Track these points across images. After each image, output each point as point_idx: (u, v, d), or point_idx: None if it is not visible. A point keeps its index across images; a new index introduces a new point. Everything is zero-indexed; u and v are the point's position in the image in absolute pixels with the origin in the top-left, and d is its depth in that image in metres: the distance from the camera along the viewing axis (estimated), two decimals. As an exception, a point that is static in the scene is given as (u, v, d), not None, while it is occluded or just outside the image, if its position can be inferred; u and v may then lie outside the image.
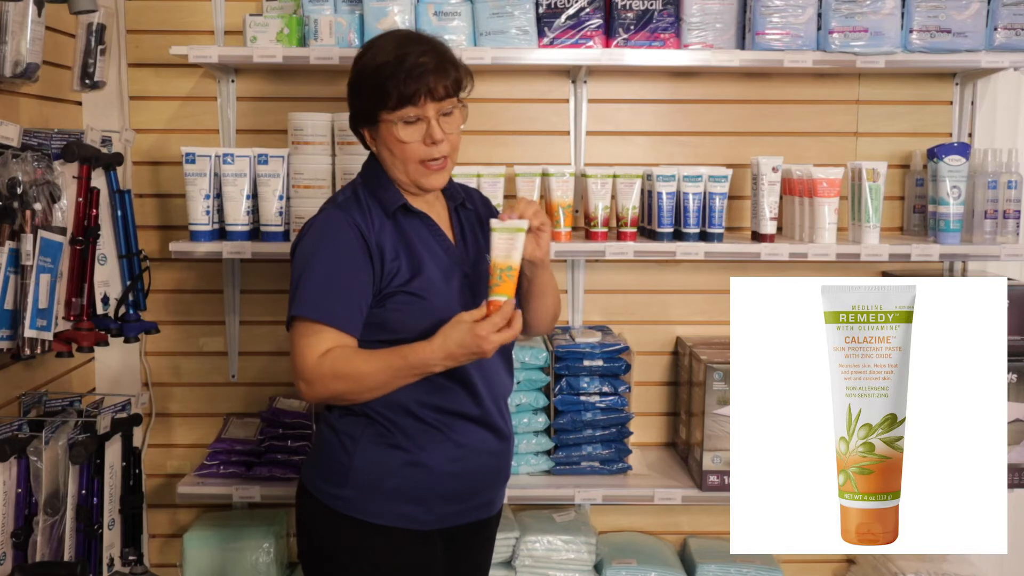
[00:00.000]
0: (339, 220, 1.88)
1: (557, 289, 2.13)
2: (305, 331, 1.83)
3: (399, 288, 1.87)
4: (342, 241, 1.86)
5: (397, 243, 1.89)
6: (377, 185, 1.94)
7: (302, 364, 1.82)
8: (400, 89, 1.83)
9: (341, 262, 1.85)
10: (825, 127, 2.92)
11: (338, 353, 1.82)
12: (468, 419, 1.93)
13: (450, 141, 1.91)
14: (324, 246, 1.86)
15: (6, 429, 2.22)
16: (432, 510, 1.92)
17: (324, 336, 1.82)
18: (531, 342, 2.72)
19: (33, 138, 2.27)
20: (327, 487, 1.91)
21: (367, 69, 1.88)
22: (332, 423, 1.94)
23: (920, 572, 2.72)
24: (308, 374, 1.81)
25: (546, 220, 1.92)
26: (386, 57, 1.85)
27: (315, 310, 1.83)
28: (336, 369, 1.81)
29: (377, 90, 1.85)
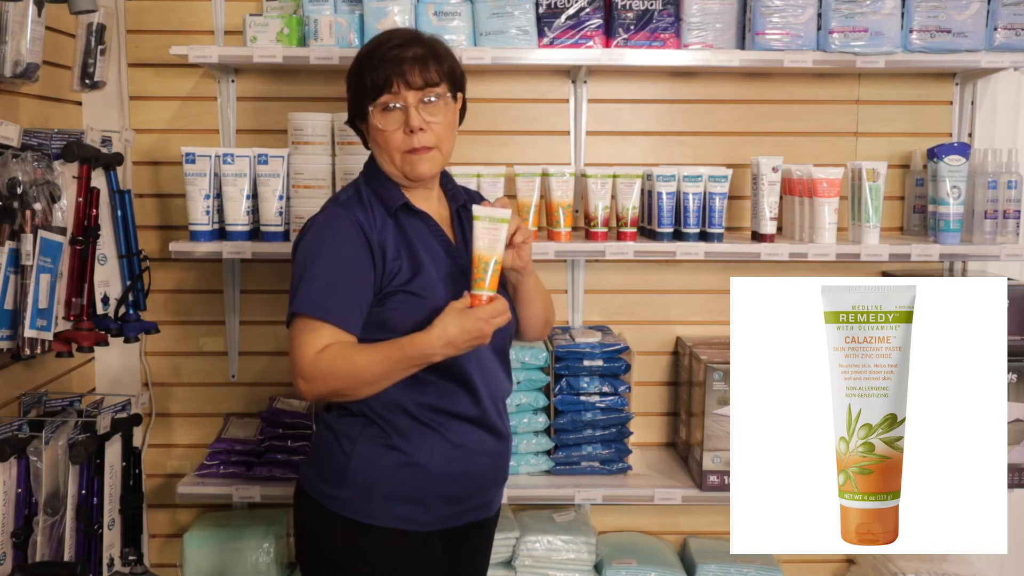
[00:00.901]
0: (342, 218, 1.88)
1: (547, 293, 2.13)
2: (304, 328, 1.83)
3: (399, 288, 1.87)
4: (344, 239, 1.86)
5: (399, 242, 1.90)
6: (378, 184, 1.95)
7: (300, 361, 1.81)
8: (374, 76, 1.87)
9: (343, 260, 1.85)
10: (825, 127, 2.92)
11: (336, 349, 1.81)
12: (466, 420, 1.93)
13: (433, 131, 1.89)
14: (326, 244, 1.86)
15: (6, 429, 2.22)
16: (431, 511, 1.91)
17: (323, 333, 1.82)
18: (531, 342, 2.72)
19: (33, 138, 2.27)
20: (325, 488, 1.91)
21: (354, 63, 1.93)
22: (330, 423, 1.94)
23: (920, 572, 2.72)
24: (306, 371, 1.81)
25: (528, 234, 1.91)
26: (367, 49, 1.92)
27: (315, 307, 1.83)
28: (333, 365, 1.81)
29: (359, 80, 1.91)
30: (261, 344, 2.94)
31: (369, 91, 1.88)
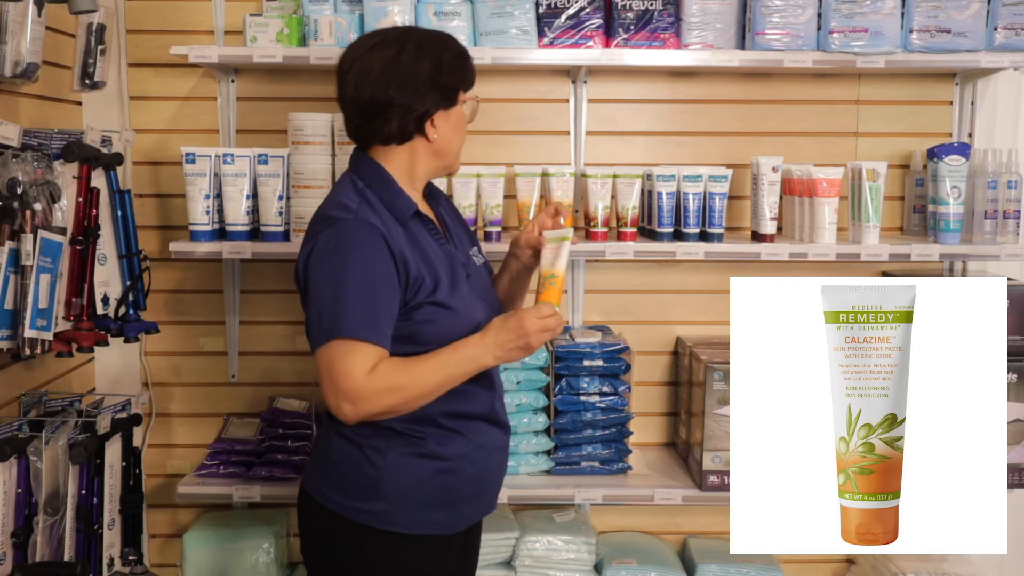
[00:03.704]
0: (365, 230, 1.80)
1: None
2: (347, 350, 1.75)
3: (426, 300, 1.83)
4: (373, 254, 1.78)
5: (413, 251, 1.85)
6: (386, 190, 1.88)
7: (349, 384, 1.74)
8: (473, 70, 1.95)
9: (376, 277, 1.78)
10: (825, 127, 2.92)
11: (388, 366, 1.77)
12: (481, 419, 1.94)
13: None
14: (356, 259, 1.78)
15: (6, 429, 2.22)
16: (459, 513, 1.92)
17: (367, 352, 1.76)
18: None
19: (33, 138, 2.27)
20: (353, 502, 1.86)
21: (455, 51, 1.92)
22: (349, 437, 1.88)
23: (920, 572, 2.72)
24: (357, 393, 1.74)
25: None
26: (451, 40, 1.94)
27: (360, 329, 1.75)
28: (391, 381, 1.76)
29: (463, 70, 1.92)
30: (261, 344, 2.94)
31: (467, 81, 1.93)
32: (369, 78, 1.85)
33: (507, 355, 1.83)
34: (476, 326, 1.87)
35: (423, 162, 1.93)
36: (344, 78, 1.89)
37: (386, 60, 1.85)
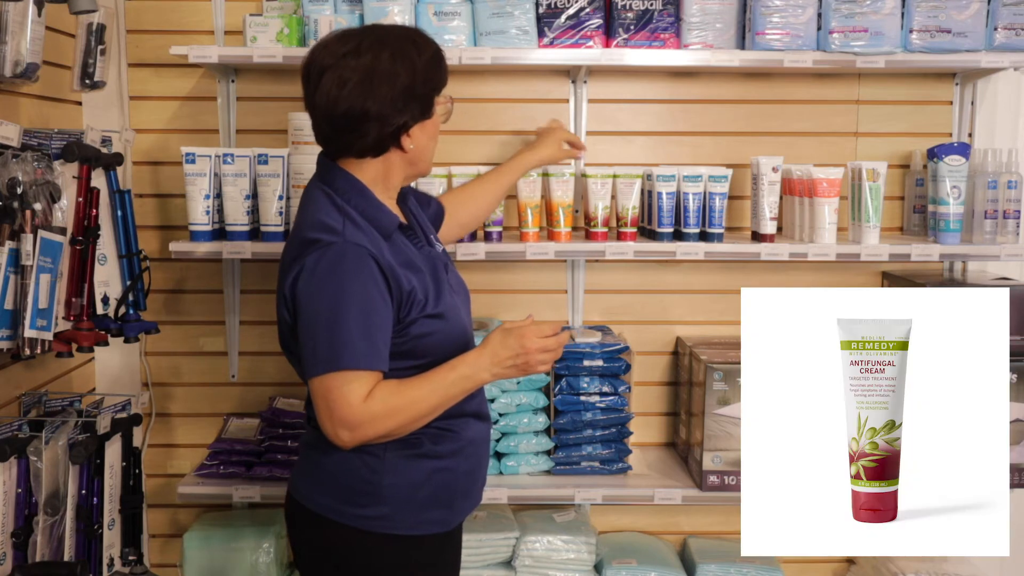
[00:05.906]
0: (358, 254, 1.75)
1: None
2: (346, 380, 1.72)
3: (420, 315, 1.82)
4: (367, 279, 1.74)
5: (403, 266, 1.82)
6: (367, 204, 1.83)
7: (346, 412, 1.72)
8: (446, 69, 1.91)
9: (371, 302, 1.74)
10: (825, 127, 2.92)
11: (385, 390, 1.75)
12: (469, 415, 1.94)
13: None
14: (349, 286, 1.73)
15: (6, 429, 2.22)
16: (455, 509, 1.93)
17: (364, 379, 1.73)
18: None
19: (33, 138, 2.27)
20: (353, 509, 1.85)
21: (429, 53, 1.86)
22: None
23: (920, 572, 2.72)
24: (355, 420, 1.72)
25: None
26: (429, 41, 1.89)
27: (360, 359, 1.72)
28: (389, 406, 1.74)
29: (437, 74, 1.87)
30: (261, 344, 2.94)
31: (443, 82, 1.89)
32: (343, 90, 1.77)
33: (504, 372, 1.82)
34: (463, 328, 1.90)
35: (398, 172, 1.89)
36: (315, 86, 1.80)
37: (361, 71, 1.76)
